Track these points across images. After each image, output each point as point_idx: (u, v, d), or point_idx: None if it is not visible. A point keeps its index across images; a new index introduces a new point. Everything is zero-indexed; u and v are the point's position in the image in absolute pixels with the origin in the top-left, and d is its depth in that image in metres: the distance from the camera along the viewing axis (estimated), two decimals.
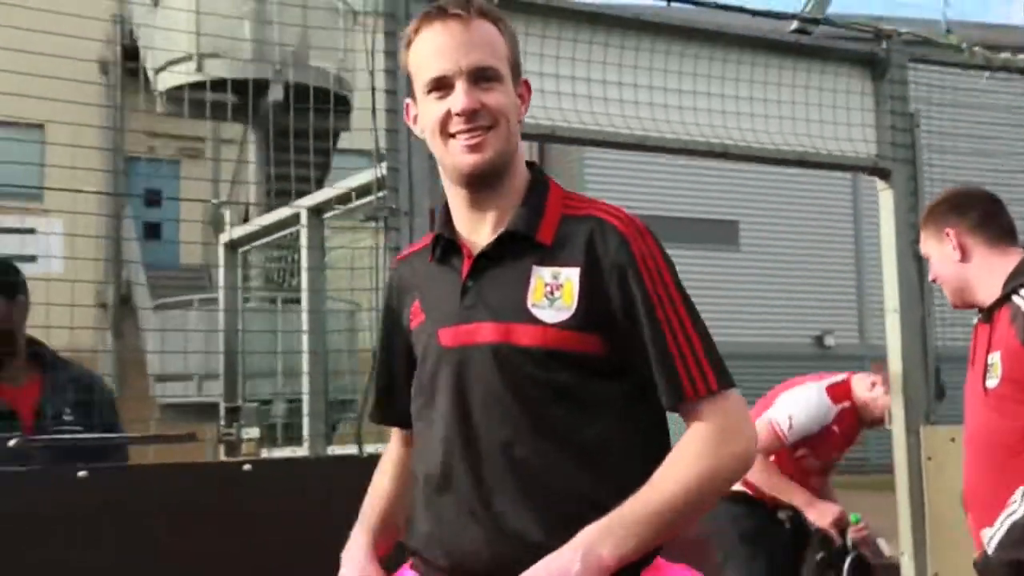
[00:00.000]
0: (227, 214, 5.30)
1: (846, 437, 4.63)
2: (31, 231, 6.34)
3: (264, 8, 11.51)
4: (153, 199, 16.04)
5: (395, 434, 2.02)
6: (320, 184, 12.86)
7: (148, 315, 13.40)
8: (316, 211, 4.32)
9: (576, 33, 3.68)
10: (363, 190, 3.72)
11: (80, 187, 13.10)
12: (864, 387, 4.55)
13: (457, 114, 1.72)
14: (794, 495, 4.47)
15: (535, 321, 1.70)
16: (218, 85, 11.90)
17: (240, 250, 5.17)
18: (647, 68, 3.79)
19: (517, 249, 1.75)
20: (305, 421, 4.42)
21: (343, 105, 12.59)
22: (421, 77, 1.77)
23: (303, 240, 4.32)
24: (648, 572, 1.69)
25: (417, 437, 1.84)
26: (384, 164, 3.46)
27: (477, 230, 1.79)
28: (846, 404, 4.55)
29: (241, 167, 14.52)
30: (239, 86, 12.15)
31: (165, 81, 13.23)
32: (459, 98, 1.72)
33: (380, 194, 3.42)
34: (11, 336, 3.43)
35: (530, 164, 1.85)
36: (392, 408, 1.96)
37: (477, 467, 1.70)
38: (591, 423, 1.70)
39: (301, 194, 4.75)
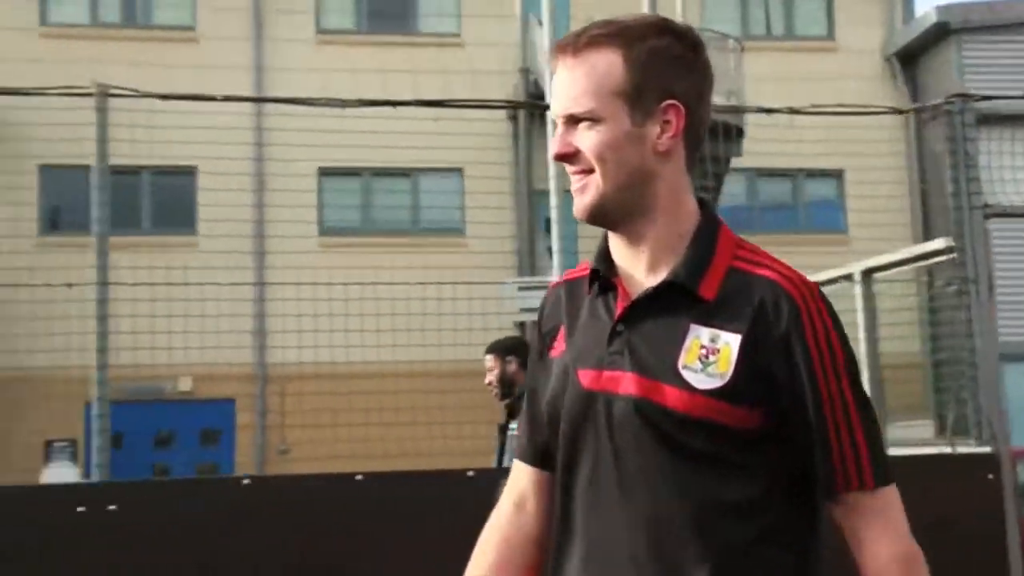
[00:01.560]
0: None
1: None
2: (544, 286, 7.97)
3: None
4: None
5: (514, 491, 1.82)
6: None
7: None
8: (867, 272, 5.54)
9: None
10: (916, 257, 4.87)
11: (495, 220, 14.95)
12: None
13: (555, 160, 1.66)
14: None
15: (683, 384, 1.57)
16: None
17: None
18: None
19: (676, 301, 1.61)
20: None
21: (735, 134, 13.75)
22: None
23: (857, 298, 5.52)
24: None
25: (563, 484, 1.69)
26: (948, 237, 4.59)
27: (633, 267, 1.67)
28: None
29: None
30: None
31: None
32: (551, 144, 1.66)
33: (948, 256, 4.52)
34: (508, 383, 5.08)
35: (701, 203, 1.69)
36: (534, 445, 1.79)
37: (617, 526, 1.60)
38: (731, 491, 1.58)
39: None
